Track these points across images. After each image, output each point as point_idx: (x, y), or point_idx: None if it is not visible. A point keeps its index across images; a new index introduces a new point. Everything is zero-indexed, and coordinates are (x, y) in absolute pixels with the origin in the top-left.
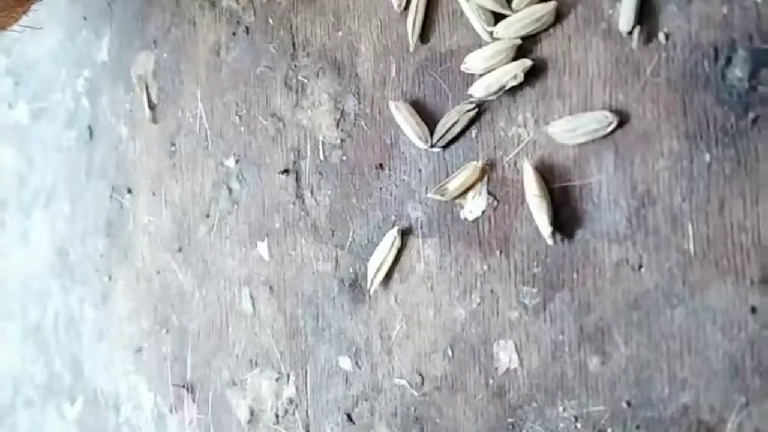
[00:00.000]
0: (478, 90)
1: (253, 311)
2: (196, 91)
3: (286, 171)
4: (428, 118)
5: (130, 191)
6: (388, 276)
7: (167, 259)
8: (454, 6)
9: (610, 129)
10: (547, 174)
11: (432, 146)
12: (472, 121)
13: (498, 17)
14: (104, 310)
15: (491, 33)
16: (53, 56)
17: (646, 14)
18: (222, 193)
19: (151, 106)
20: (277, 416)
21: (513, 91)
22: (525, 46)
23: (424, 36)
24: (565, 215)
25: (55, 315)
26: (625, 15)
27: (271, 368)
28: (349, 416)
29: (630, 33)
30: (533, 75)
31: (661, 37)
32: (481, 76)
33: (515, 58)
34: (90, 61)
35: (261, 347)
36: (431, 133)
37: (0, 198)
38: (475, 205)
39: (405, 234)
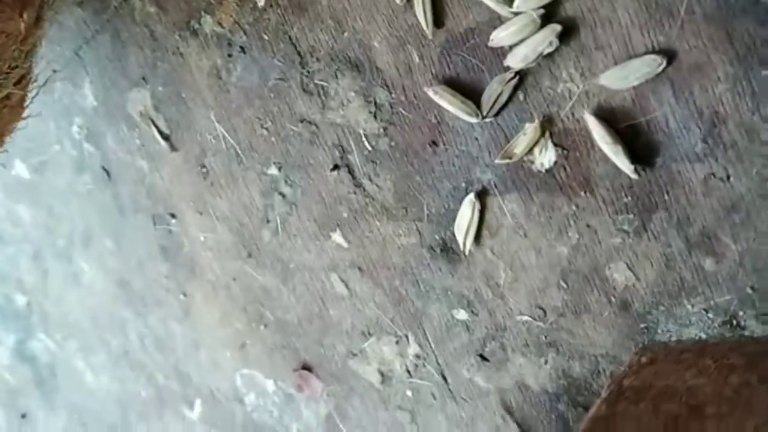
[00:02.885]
0: (515, 61)
1: (348, 292)
2: (208, 114)
3: (336, 167)
4: (469, 93)
5: (174, 216)
6: (478, 235)
7: (239, 266)
8: None
9: (660, 69)
10: (609, 118)
11: (483, 118)
12: (515, 88)
13: None
14: (189, 322)
15: (510, 9)
16: (34, 111)
17: None
18: (275, 199)
19: (165, 137)
20: (408, 372)
21: (550, 53)
22: (549, 11)
23: (437, 21)
24: (640, 149)
25: (139, 338)
26: None
27: (387, 334)
28: (481, 356)
29: None
30: (566, 35)
31: None
32: (512, 47)
33: (542, 26)
34: (78, 109)
35: (369, 319)
36: (478, 106)
37: (32, 251)
38: (545, 158)
39: (481, 196)
